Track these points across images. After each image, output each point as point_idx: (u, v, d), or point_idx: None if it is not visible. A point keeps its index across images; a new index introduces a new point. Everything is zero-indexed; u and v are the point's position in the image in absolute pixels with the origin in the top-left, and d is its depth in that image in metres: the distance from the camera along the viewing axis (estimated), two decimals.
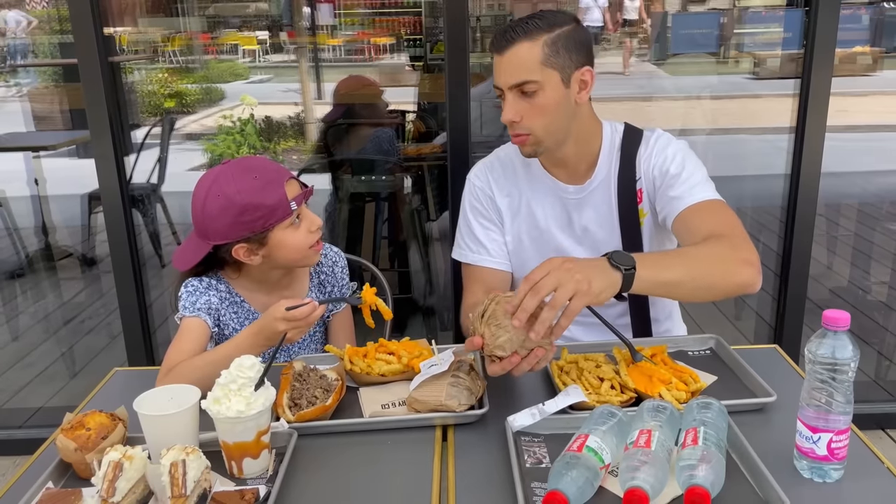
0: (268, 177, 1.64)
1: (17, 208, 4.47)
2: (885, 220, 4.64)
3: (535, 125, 1.69)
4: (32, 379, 3.52)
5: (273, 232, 1.65)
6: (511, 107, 1.68)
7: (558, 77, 1.67)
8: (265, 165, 1.68)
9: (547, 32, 1.65)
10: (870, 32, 5.64)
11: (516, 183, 1.90)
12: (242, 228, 1.63)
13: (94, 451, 1.27)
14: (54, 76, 5.51)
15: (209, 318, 1.70)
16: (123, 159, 2.72)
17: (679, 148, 1.81)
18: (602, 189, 1.83)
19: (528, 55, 1.64)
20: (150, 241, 4.06)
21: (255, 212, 1.61)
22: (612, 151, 1.83)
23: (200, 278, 1.75)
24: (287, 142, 5.28)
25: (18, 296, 4.29)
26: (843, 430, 1.20)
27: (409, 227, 3.85)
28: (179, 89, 5.73)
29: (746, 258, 1.55)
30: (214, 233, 1.65)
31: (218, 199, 1.63)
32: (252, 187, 1.62)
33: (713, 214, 1.68)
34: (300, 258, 1.73)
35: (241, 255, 1.68)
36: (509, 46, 1.65)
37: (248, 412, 1.25)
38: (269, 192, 1.62)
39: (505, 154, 1.94)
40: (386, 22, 6.08)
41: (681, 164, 1.76)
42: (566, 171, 1.84)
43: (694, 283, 1.52)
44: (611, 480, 1.21)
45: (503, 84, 1.68)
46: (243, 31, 6.80)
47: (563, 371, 1.56)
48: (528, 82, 1.65)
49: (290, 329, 1.51)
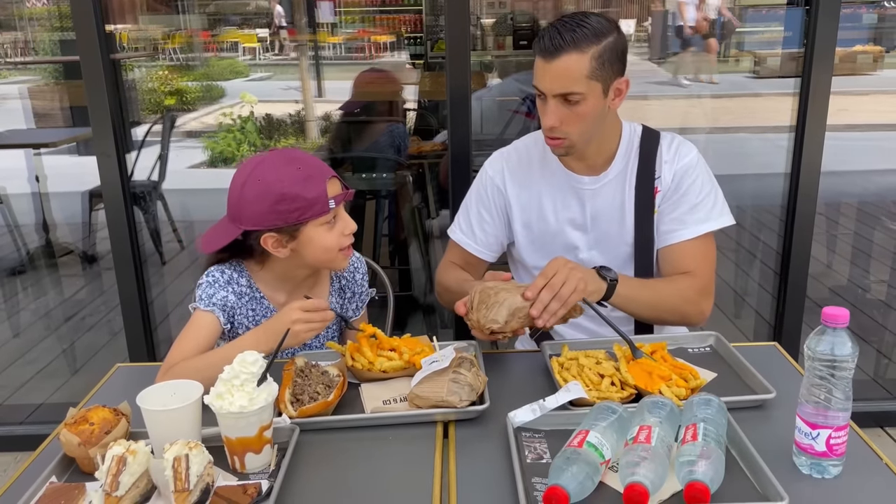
0: (310, 171, 1.62)
1: (18, 205, 4.48)
2: (885, 219, 4.65)
3: (572, 131, 1.74)
4: (34, 375, 3.53)
5: (306, 227, 1.62)
6: (553, 113, 1.71)
7: (600, 88, 1.71)
8: (309, 159, 1.66)
9: (595, 44, 1.66)
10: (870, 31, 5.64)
11: (530, 174, 1.93)
12: (276, 217, 1.60)
13: (97, 446, 1.27)
14: (55, 73, 5.51)
15: (223, 314, 1.68)
16: (125, 156, 2.72)
17: (700, 160, 1.88)
18: (617, 182, 1.87)
19: (576, 67, 1.66)
20: (151, 238, 4.07)
21: (293, 202, 1.59)
22: (631, 149, 1.88)
23: (223, 270, 1.73)
24: (287, 139, 5.29)
25: (20, 292, 4.30)
26: (841, 426, 1.21)
27: (409, 224, 3.86)
28: (180, 87, 5.73)
29: (702, 310, 1.86)
30: (248, 217, 1.63)
31: (258, 183, 1.61)
32: (294, 178, 1.60)
33: (698, 254, 1.85)
34: (328, 259, 1.70)
35: (269, 245, 1.65)
36: (559, 55, 1.66)
37: (251, 407, 1.26)
38: (310, 186, 1.60)
39: (523, 145, 1.98)
40: (386, 20, 6.08)
41: (700, 184, 1.85)
42: (584, 164, 1.88)
43: (653, 314, 1.85)
44: (611, 476, 1.22)
45: (548, 91, 1.70)
46: (243, 29, 6.80)
47: (563, 367, 1.57)
48: (574, 94, 1.68)
49: (299, 322, 1.52)
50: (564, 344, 1.67)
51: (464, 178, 2.72)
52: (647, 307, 1.80)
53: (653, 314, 1.84)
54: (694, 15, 5.63)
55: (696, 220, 1.83)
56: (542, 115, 1.75)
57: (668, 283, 1.83)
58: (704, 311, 1.85)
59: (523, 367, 1.68)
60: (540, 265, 1.87)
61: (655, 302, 1.80)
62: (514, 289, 1.61)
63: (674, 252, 1.85)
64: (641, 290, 1.78)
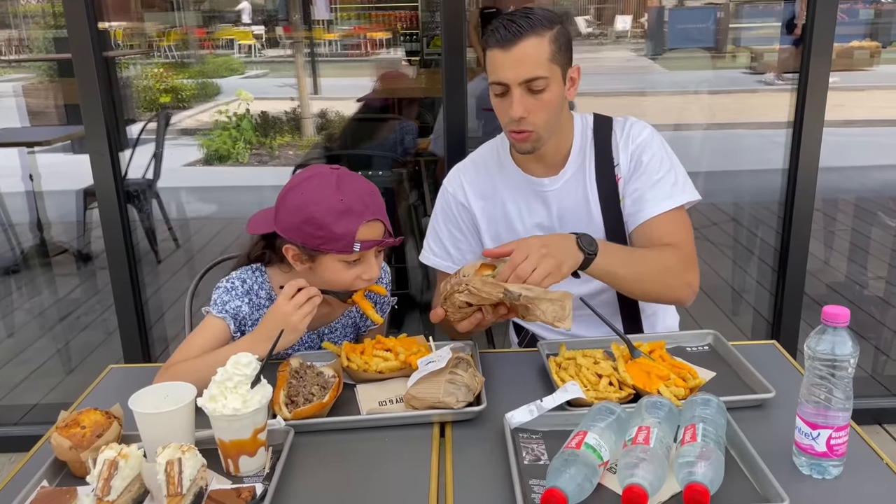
0: (352, 207, 1.56)
1: (12, 204, 4.46)
2: (883, 215, 4.64)
3: (539, 121, 1.70)
4: (28, 375, 3.51)
5: (325, 256, 1.61)
6: (519, 103, 1.66)
7: (560, 73, 1.69)
8: (360, 195, 1.59)
9: (550, 29, 1.65)
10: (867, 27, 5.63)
11: (491, 183, 1.90)
12: (301, 235, 1.59)
13: (89, 450, 1.26)
14: (49, 71, 5.48)
15: (233, 323, 1.67)
16: (118, 155, 2.71)
17: (654, 138, 1.84)
18: (577, 178, 1.84)
19: (538, 51, 1.64)
20: (146, 236, 4.05)
21: (319, 230, 1.56)
22: (585, 142, 1.85)
23: (244, 279, 1.72)
24: (283, 137, 5.27)
25: (13, 292, 4.28)
26: (842, 426, 1.20)
27: (405, 222, 3.84)
28: (175, 84, 5.71)
29: (689, 282, 1.75)
30: (280, 221, 1.63)
31: (300, 196, 1.59)
32: (331, 207, 1.55)
33: (672, 227, 1.77)
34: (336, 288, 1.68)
35: (288, 255, 1.65)
36: (517, 41, 1.63)
37: (245, 410, 1.24)
38: (343, 222, 1.55)
39: (479, 156, 1.96)
40: (382, 17, 6.07)
41: (658, 158, 1.81)
42: (542, 164, 1.85)
43: (637, 286, 1.73)
44: (609, 477, 1.21)
45: (512, 79, 1.65)
46: (239, 26, 6.78)
47: (560, 367, 1.56)
48: (539, 78, 1.65)
49: (291, 314, 1.51)
50: (562, 343, 1.66)
51: None
52: (630, 278, 1.69)
53: (635, 286, 1.74)
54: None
55: (661, 196, 1.78)
56: (505, 109, 1.69)
57: (651, 252, 1.75)
58: (691, 283, 1.75)
59: (520, 367, 1.66)
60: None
61: (638, 271, 1.69)
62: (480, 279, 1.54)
63: (645, 230, 1.78)
64: (624, 259, 1.68)
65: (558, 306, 1.46)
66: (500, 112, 1.72)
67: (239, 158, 5.18)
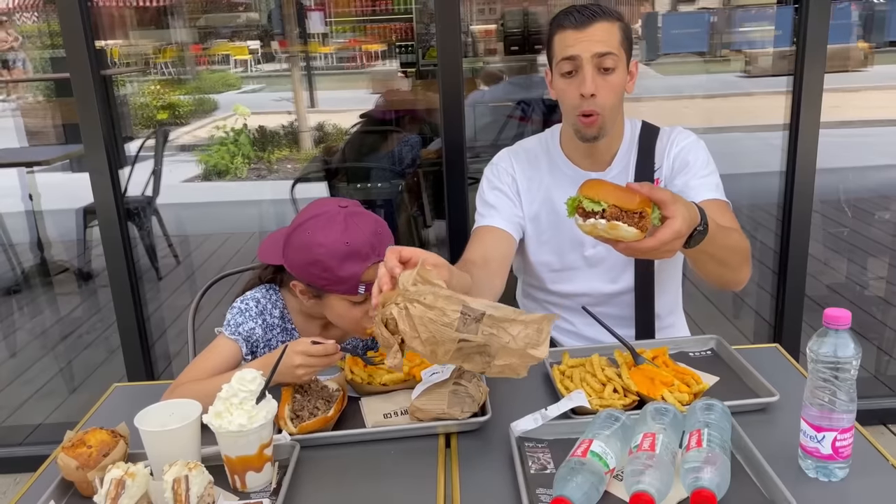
0: (358, 250, 1.54)
1: (12, 224, 4.46)
2: (882, 215, 4.65)
3: (606, 103, 1.74)
4: (32, 395, 3.51)
5: (331, 295, 1.61)
6: (591, 79, 1.70)
7: (625, 61, 1.75)
8: (366, 239, 1.55)
9: (619, 20, 1.74)
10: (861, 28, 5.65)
11: (538, 171, 1.94)
12: (307, 275, 1.60)
13: (95, 469, 1.26)
14: (47, 91, 5.50)
15: (245, 345, 1.66)
16: (118, 172, 2.71)
17: (699, 144, 1.89)
18: (621, 178, 1.87)
19: (610, 33, 1.72)
20: (147, 253, 4.05)
21: (324, 273, 1.56)
22: (632, 145, 1.90)
23: (258, 299, 1.71)
24: (281, 151, 5.28)
25: (16, 312, 4.28)
26: (847, 428, 1.20)
27: (405, 233, 3.85)
28: (172, 101, 5.72)
29: (749, 266, 1.72)
30: (287, 257, 1.63)
31: (306, 235, 1.58)
32: (336, 251, 1.54)
33: (729, 216, 1.76)
34: (348, 329, 1.68)
35: (296, 290, 1.66)
36: (592, 22, 1.70)
37: (251, 425, 1.25)
38: (347, 265, 1.54)
39: (530, 145, 1.99)
40: (377, 29, 6.08)
41: (704, 160, 1.85)
42: (591, 160, 1.89)
43: (723, 263, 1.62)
44: (616, 485, 1.21)
45: (586, 52, 1.70)
46: (234, 42, 6.79)
47: (564, 375, 1.56)
48: (611, 54, 1.70)
49: (301, 367, 1.46)
50: (565, 351, 1.66)
51: (458, 185, 2.72)
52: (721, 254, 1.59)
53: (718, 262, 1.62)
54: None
55: (708, 187, 1.80)
56: (575, 89, 1.72)
57: (736, 235, 1.66)
58: (749, 268, 1.72)
59: (524, 377, 1.66)
60: (544, 261, 1.93)
61: (729, 247, 1.60)
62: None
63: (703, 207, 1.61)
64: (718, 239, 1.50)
65: (533, 330, 1.22)
66: (568, 94, 1.75)
67: (237, 173, 5.20)
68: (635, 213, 1.29)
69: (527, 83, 4.23)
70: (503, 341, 1.21)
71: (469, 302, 1.21)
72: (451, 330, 1.20)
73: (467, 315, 1.20)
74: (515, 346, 1.21)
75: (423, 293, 1.21)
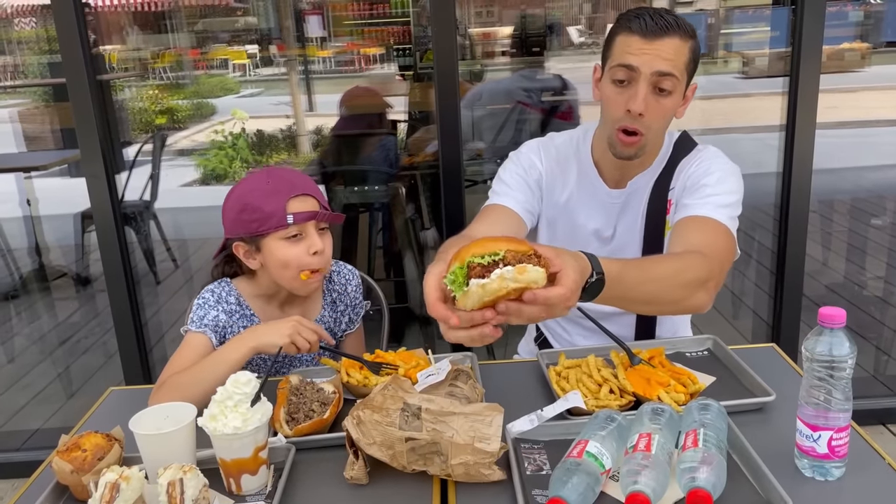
0: (279, 186, 1.68)
1: (10, 229, 4.46)
2: (878, 215, 4.65)
3: (652, 125, 1.62)
4: (29, 400, 3.50)
5: (266, 239, 1.68)
6: (643, 97, 1.57)
7: (684, 85, 1.63)
8: (285, 176, 1.72)
9: (692, 38, 1.60)
10: (856, 28, 5.66)
11: (566, 175, 1.82)
12: (241, 226, 1.70)
13: (90, 473, 1.25)
14: (44, 96, 5.50)
15: (214, 335, 1.71)
16: (115, 177, 2.72)
17: (723, 167, 1.72)
18: (639, 194, 1.78)
19: (680, 52, 1.58)
20: (145, 257, 4.05)
21: (253, 213, 1.67)
22: (661, 162, 1.78)
23: (212, 290, 1.78)
24: (279, 154, 5.28)
25: (13, 317, 4.27)
26: (843, 427, 1.20)
27: (403, 236, 3.85)
28: (170, 105, 5.72)
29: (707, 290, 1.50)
30: (225, 224, 1.75)
31: (233, 192, 1.73)
32: (260, 190, 1.68)
33: (712, 237, 1.58)
34: (288, 278, 1.71)
35: (240, 254, 1.74)
36: (663, 35, 1.55)
37: (245, 428, 1.24)
38: (271, 200, 1.66)
39: (562, 142, 1.86)
40: (375, 32, 6.09)
41: (717, 179, 1.67)
42: (619, 173, 1.77)
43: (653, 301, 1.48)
44: (612, 485, 1.20)
45: (647, 67, 1.56)
46: (233, 46, 6.80)
47: (560, 377, 1.56)
48: (671, 76, 1.57)
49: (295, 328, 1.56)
50: (561, 352, 1.66)
51: (455, 188, 2.72)
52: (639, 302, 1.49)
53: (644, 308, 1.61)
54: None
55: (708, 205, 1.62)
56: (623, 101, 1.58)
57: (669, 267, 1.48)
58: (702, 304, 1.52)
59: (520, 377, 1.66)
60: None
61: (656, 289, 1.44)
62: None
63: (680, 226, 1.62)
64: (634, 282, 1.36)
65: (480, 423, 1.14)
66: (614, 104, 1.61)
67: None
68: (531, 255, 1.08)
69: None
70: (446, 436, 1.17)
71: (409, 397, 1.17)
72: (396, 429, 1.19)
73: (406, 412, 1.17)
74: (462, 441, 1.17)
75: (374, 395, 1.22)
